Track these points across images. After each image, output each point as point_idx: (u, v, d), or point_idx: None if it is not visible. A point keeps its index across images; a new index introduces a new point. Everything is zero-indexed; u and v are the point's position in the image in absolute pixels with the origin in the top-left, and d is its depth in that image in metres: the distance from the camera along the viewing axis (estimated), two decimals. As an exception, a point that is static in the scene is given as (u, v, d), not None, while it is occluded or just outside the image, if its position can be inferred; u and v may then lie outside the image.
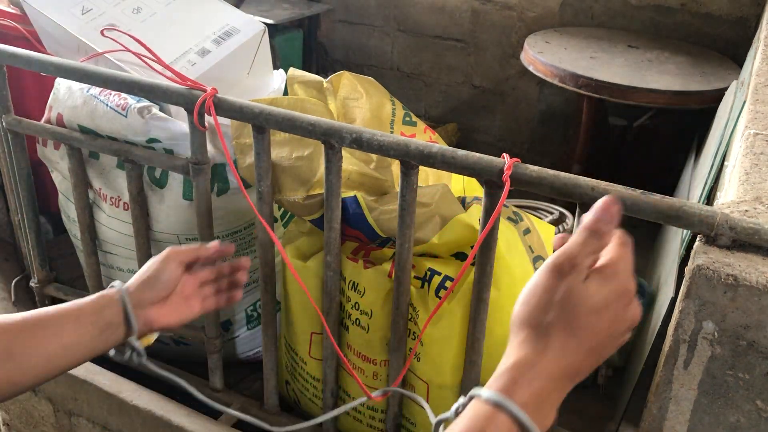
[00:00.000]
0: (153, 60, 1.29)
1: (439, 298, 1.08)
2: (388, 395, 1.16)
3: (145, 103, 1.26)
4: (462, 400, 0.62)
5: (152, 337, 0.97)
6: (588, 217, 0.63)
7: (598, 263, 0.63)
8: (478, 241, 0.96)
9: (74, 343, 0.84)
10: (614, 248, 0.64)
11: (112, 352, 0.93)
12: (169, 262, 0.95)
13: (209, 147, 1.21)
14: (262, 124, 1.06)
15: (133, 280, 0.94)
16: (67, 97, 1.33)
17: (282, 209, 1.44)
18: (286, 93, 1.31)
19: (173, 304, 0.96)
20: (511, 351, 0.62)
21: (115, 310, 0.88)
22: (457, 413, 0.61)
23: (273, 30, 2.54)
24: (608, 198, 0.63)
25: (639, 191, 0.84)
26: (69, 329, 0.84)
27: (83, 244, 1.44)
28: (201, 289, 1.00)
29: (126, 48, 1.30)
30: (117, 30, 1.31)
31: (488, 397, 0.58)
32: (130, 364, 0.96)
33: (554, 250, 0.65)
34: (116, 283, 0.91)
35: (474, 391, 0.60)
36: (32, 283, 1.55)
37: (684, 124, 2.36)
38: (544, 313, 0.62)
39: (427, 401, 1.15)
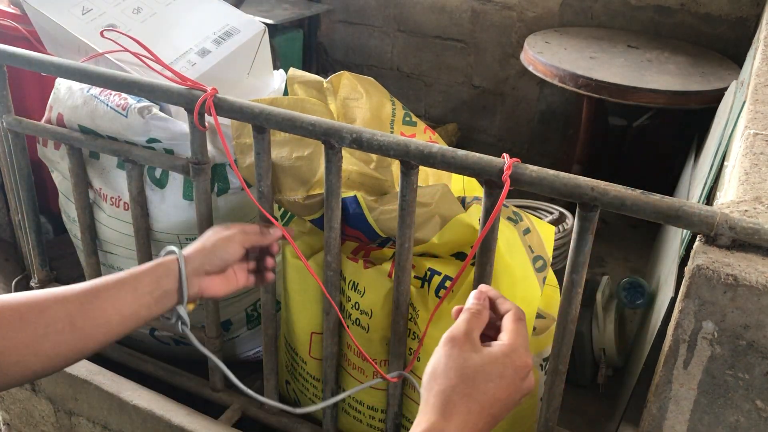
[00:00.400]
0: (153, 60, 1.29)
1: (439, 297, 1.09)
2: (401, 378, 1.16)
3: (146, 103, 1.26)
4: None
5: (196, 303, 0.98)
6: (469, 301, 0.77)
7: (501, 338, 0.73)
8: (477, 241, 0.96)
9: (132, 312, 0.86)
10: (510, 324, 0.74)
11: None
12: (233, 243, 0.99)
13: (209, 147, 1.21)
14: (263, 124, 1.06)
15: (192, 248, 0.96)
16: (67, 97, 1.34)
17: (282, 209, 1.44)
18: (286, 93, 1.31)
19: (224, 277, 1.01)
20: (421, 416, 0.68)
21: (172, 279, 0.91)
22: None
23: (273, 30, 2.54)
24: (479, 290, 0.78)
25: (639, 191, 0.84)
26: (128, 299, 0.86)
27: (83, 244, 1.44)
28: (247, 264, 1.06)
29: (125, 48, 1.30)
30: (117, 31, 1.31)
31: None
32: (173, 330, 0.97)
33: (454, 319, 0.77)
34: (173, 248, 0.94)
35: None
36: (32, 283, 1.55)
37: (684, 124, 2.36)
38: (447, 380, 0.69)
39: (427, 401, 1.15)
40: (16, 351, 0.75)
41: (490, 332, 0.76)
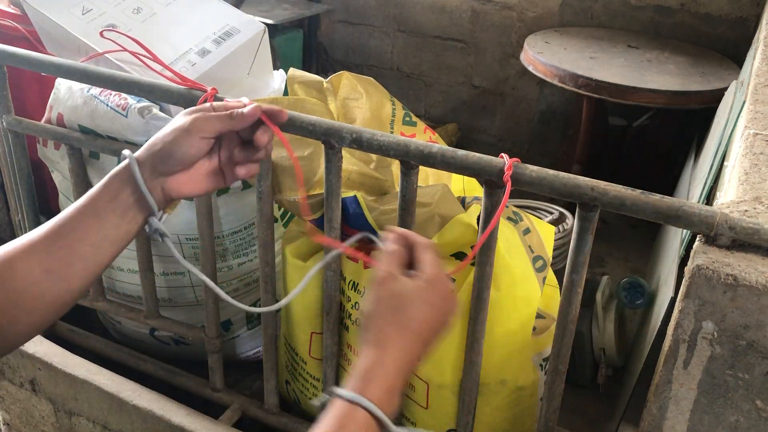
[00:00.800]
0: (152, 60, 1.29)
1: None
2: None
3: (146, 103, 1.26)
4: (324, 397, 0.72)
5: (175, 204, 0.89)
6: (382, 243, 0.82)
7: (418, 270, 0.78)
8: (479, 243, 0.96)
9: (102, 237, 0.80)
10: (425, 256, 0.80)
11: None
12: (190, 136, 0.81)
13: (209, 147, 1.21)
14: (262, 124, 1.06)
15: (143, 150, 0.82)
16: (67, 97, 1.34)
17: (282, 209, 1.44)
18: (286, 93, 1.31)
19: (197, 175, 0.84)
20: (362, 355, 0.74)
21: (129, 189, 0.80)
22: (322, 408, 0.71)
23: (273, 30, 2.54)
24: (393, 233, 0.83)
25: (639, 191, 0.84)
26: (92, 226, 0.79)
27: (83, 244, 1.43)
28: (232, 156, 0.86)
29: (125, 48, 1.30)
30: (116, 31, 1.31)
31: (347, 397, 0.69)
32: (154, 239, 0.90)
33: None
34: (126, 152, 0.81)
35: (334, 390, 0.71)
36: (32, 283, 1.55)
37: (684, 124, 2.36)
38: (379, 316, 0.75)
39: (427, 401, 1.15)
40: (2, 312, 0.74)
41: (410, 269, 0.81)
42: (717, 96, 1.86)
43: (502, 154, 0.92)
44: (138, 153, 0.82)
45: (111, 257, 0.82)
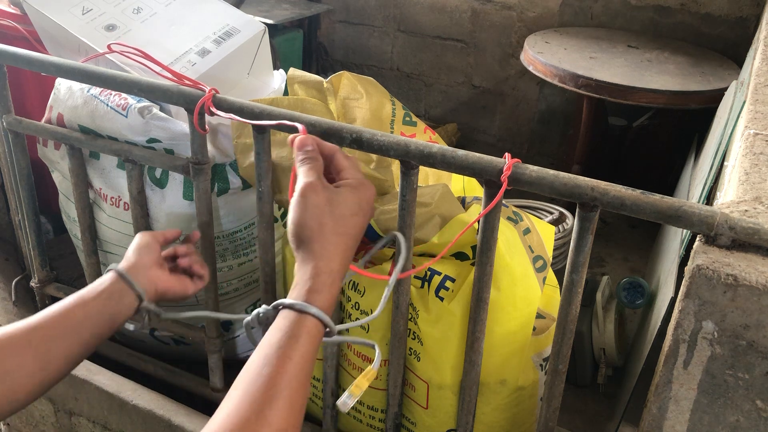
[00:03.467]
0: (153, 64, 1.29)
1: (439, 297, 1.09)
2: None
3: (146, 103, 1.26)
4: (265, 308, 0.76)
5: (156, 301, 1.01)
6: (298, 154, 0.82)
7: (342, 176, 0.81)
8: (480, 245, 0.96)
9: (92, 335, 0.88)
10: (344, 162, 0.83)
11: (131, 327, 0.98)
12: (146, 236, 1.03)
13: (209, 147, 1.21)
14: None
15: (126, 257, 0.99)
16: (67, 97, 1.34)
17: (282, 209, 1.44)
18: (286, 93, 1.31)
19: (170, 274, 1.03)
20: (300, 267, 0.76)
21: (117, 287, 0.92)
22: (259, 321, 0.73)
23: (273, 30, 2.54)
24: (300, 139, 0.84)
25: (639, 191, 0.84)
26: (85, 328, 0.87)
27: (83, 244, 1.44)
28: (185, 271, 1.08)
29: (125, 48, 1.30)
30: (122, 45, 1.31)
31: (298, 307, 0.72)
32: (151, 327, 0.99)
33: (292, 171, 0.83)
34: (111, 266, 0.96)
35: (280, 301, 0.73)
36: (32, 283, 1.55)
37: (684, 124, 2.36)
38: (318, 225, 0.76)
39: (427, 401, 1.15)
40: None
41: (328, 175, 0.83)
42: (717, 96, 1.86)
43: (507, 154, 0.91)
44: (120, 264, 0.96)
45: (90, 339, 0.88)
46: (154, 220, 1.35)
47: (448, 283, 1.09)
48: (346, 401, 0.80)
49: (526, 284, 1.07)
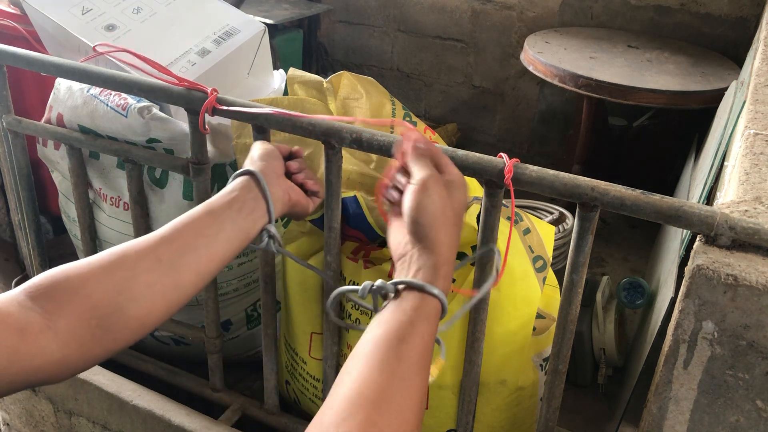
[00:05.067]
0: (153, 65, 1.29)
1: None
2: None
3: (146, 103, 1.26)
4: (382, 282, 0.75)
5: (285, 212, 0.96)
6: (408, 156, 0.83)
7: (446, 173, 0.82)
8: (478, 243, 0.96)
9: (216, 231, 0.84)
10: (444, 159, 0.83)
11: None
12: (266, 144, 0.99)
13: (209, 147, 1.21)
14: (263, 124, 1.06)
15: (251, 161, 0.94)
16: (67, 97, 1.33)
17: (282, 209, 1.44)
18: (286, 93, 1.31)
19: (293, 185, 0.98)
20: (422, 253, 0.77)
21: (250, 196, 0.89)
22: (373, 293, 0.76)
23: (273, 30, 2.54)
24: (415, 135, 0.84)
25: (639, 191, 0.84)
26: (207, 222, 0.84)
27: (83, 244, 1.44)
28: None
29: (125, 49, 1.29)
30: (110, 45, 1.31)
31: (426, 287, 0.73)
32: (267, 250, 0.92)
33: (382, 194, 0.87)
34: (248, 165, 0.93)
35: (406, 279, 0.75)
36: (32, 283, 1.55)
37: (684, 124, 2.36)
38: (439, 218, 0.78)
39: (427, 401, 1.15)
40: (107, 300, 0.72)
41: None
42: (717, 96, 1.86)
43: (501, 153, 0.92)
44: (251, 165, 0.93)
45: (223, 254, 0.84)
46: (154, 221, 1.35)
47: (448, 283, 1.08)
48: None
49: (526, 284, 1.07)
